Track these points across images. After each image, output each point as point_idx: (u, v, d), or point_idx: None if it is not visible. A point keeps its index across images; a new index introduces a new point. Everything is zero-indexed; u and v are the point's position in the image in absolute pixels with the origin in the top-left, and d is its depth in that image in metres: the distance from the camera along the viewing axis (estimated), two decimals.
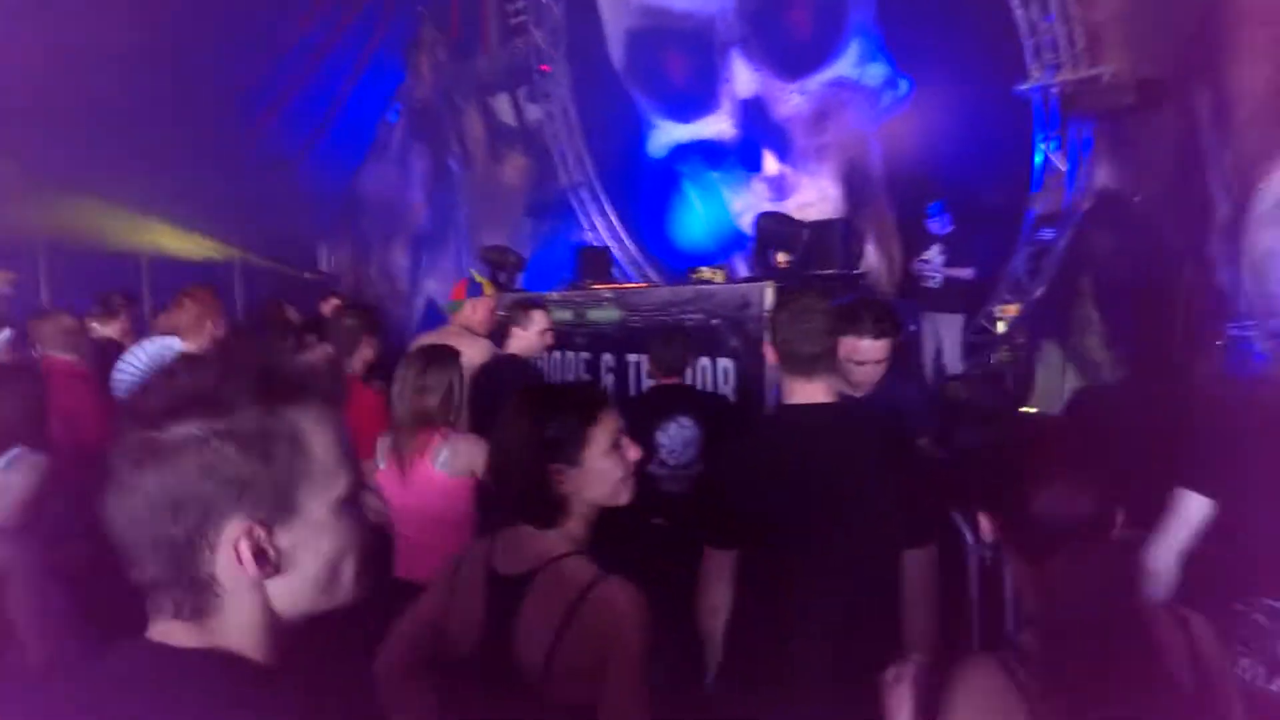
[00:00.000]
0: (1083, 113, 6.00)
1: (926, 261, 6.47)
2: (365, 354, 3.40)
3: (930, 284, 6.45)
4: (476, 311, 3.91)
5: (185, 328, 3.34)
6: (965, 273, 6.32)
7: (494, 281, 7.18)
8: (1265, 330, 4.83)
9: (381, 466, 2.59)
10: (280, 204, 11.96)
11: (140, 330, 5.63)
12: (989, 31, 6.30)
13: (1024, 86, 6.25)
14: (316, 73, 11.15)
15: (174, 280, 10.41)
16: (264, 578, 0.80)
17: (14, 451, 2.30)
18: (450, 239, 12.01)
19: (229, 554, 0.78)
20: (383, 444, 2.63)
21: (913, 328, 5.98)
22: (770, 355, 1.94)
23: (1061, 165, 6.22)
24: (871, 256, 7.40)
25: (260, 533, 0.79)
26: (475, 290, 3.99)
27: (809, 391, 1.87)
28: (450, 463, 2.50)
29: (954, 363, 6.47)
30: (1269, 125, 4.89)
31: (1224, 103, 5.15)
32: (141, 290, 10.36)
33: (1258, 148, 4.95)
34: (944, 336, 6.48)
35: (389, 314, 10.82)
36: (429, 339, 3.83)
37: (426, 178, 12.44)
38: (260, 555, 0.79)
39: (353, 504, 0.87)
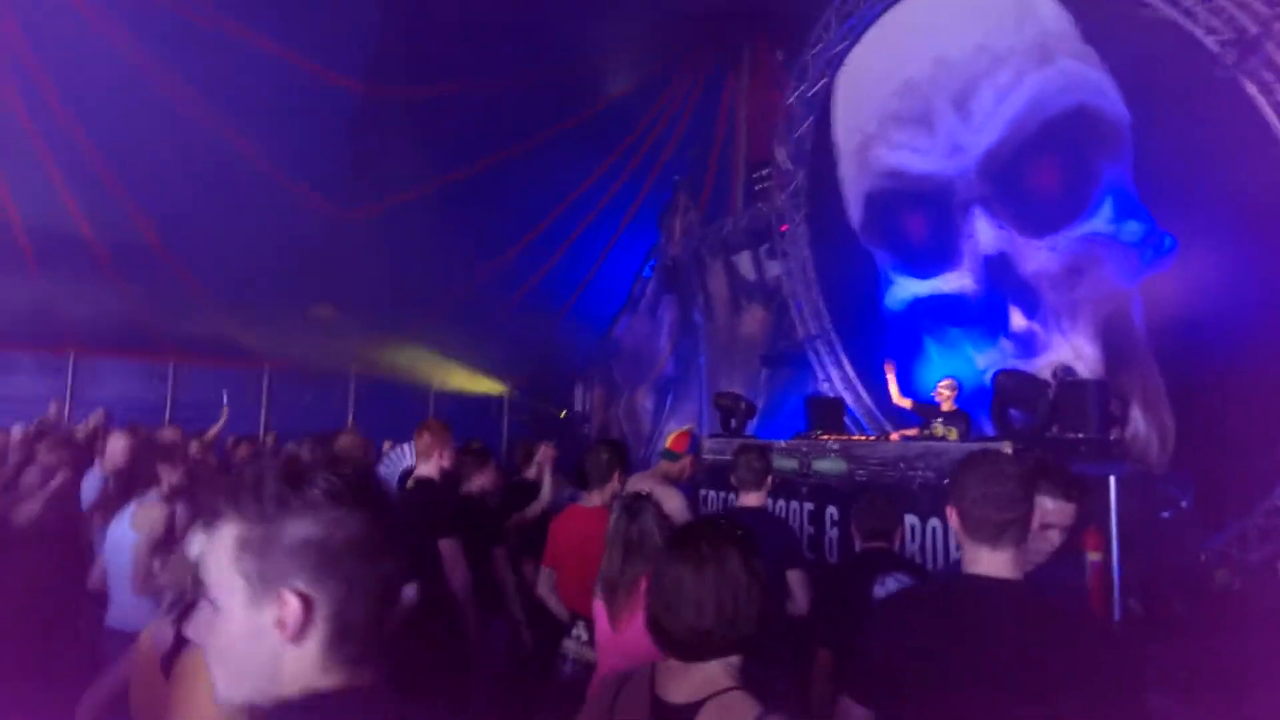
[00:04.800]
0: None
1: None
2: (614, 486, 3.56)
3: None
4: (685, 468, 4.07)
5: (420, 452, 3.72)
6: None
7: (725, 426, 7.51)
8: None
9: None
10: (546, 350, 13.56)
11: None
12: (1260, 182, 5.81)
13: None
14: (583, 237, 12.70)
15: (455, 410, 12.25)
16: None
17: None
18: (692, 385, 12.69)
19: None
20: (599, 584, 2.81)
21: (1184, 504, 5.31)
22: (952, 519, 1.80)
23: None
24: (1139, 423, 6.77)
25: None
26: (694, 447, 4.15)
27: (994, 563, 1.73)
28: None
29: None
30: None
31: None
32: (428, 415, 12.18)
33: None
34: None
35: (633, 453, 11.60)
36: (639, 484, 4.06)
37: (674, 328, 13.41)
38: None
39: None
